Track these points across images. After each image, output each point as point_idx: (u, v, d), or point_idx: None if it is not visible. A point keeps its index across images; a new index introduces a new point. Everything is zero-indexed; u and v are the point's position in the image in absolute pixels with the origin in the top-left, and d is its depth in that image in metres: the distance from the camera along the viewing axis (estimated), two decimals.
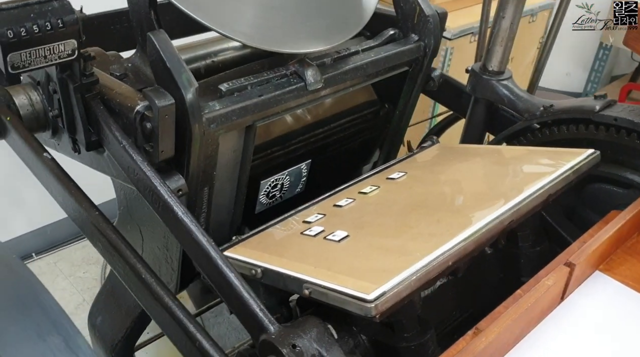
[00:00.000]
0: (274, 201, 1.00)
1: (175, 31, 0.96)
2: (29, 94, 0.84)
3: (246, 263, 0.77)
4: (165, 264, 0.97)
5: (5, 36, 0.62)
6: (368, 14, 0.95)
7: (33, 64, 0.66)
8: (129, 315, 1.11)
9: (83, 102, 0.75)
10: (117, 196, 1.02)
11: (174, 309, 0.68)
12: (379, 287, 0.64)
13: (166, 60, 0.72)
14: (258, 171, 0.93)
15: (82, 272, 1.96)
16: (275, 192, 0.99)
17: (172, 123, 0.74)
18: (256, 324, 0.65)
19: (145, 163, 0.73)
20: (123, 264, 0.72)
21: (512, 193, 0.81)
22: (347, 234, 0.78)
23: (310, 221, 0.86)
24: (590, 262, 0.78)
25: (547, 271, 0.74)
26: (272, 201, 1.00)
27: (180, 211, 0.70)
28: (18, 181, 1.81)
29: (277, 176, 0.97)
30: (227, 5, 0.84)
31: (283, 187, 0.99)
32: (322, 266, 0.71)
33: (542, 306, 0.73)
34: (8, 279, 0.59)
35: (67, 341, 0.51)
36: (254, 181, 0.94)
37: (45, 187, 0.80)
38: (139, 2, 0.85)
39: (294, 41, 0.86)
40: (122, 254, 0.71)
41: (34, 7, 0.64)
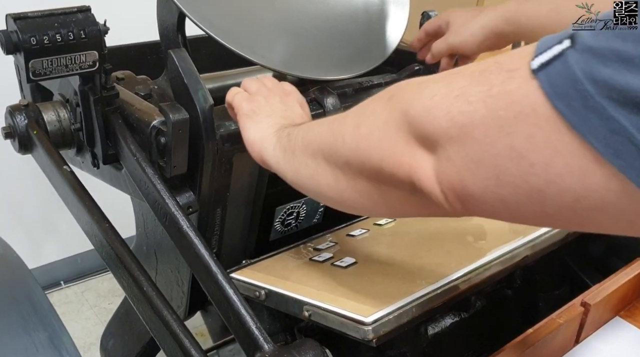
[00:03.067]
0: (290, 230, 1.00)
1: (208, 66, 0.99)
2: (58, 111, 0.87)
3: (251, 285, 0.76)
4: (177, 287, 0.97)
5: (28, 43, 0.65)
6: (391, 47, 0.96)
7: (54, 73, 0.68)
8: (139, 341, 1.11)
9: (102, 115, 0.77)
10: (136, 216, 1.03)
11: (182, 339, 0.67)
12: (378, 310, 0.62)
13: (184, 76, 0.74)
14: (274, 197, 0.93)
15: (107, 303, 1.97)
16: (291, 220, 0.98)
17: (185, 138, 0.75)
18: (251, 342, 0.64)
19: (156, 176, 0.74)
20: (127, 277, 0.72)
21: (529, 229, 0.78)
22: (355, 261, 0.76)
23: (321, 248, 0.85)
24: (608, 305, 0.74)
25: (561, 311, 0.71)
26: (287, 230, 0.99)
27: (185, 225, 0.70)
28: (53, 208, 1.86)
29: (293, 204, 0.96)
30: (256, 33, 0.86)
31: (299, 216, 0.99)
32: (325, 289, 0.70)
33: (554, 347, 0.69)
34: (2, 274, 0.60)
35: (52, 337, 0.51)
36: (269, 207, 0.94)
37: (63, 199, 0.82)
38: (167, 26, 0.88)
39: (317, 68, 0.88)
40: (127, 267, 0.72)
41: (58, 17, 0.67)
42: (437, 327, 0.80)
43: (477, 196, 0.40)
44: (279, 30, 0.89)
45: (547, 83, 0.35)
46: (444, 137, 0.41)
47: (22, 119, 0.84)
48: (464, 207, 0.42)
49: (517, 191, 0.38)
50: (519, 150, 0.36)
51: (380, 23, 0.98)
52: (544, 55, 0.35)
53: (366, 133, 0.48)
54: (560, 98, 0.34)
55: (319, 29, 0.92)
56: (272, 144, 0.63)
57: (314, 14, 0.92)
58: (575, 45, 0.34)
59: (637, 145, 0.31)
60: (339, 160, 0.51)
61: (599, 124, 0.32)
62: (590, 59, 0.33)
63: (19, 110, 0.84)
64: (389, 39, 0.97)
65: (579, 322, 0.71)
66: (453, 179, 0.41)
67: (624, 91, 0.31)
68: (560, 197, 0.36)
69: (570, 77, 0.33)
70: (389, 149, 0.45)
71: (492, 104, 0.38)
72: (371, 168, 0.48)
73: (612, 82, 0.32)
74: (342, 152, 0.51)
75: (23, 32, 0.64)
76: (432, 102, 0.42)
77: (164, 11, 0.89)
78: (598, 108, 0.32)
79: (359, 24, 0.95)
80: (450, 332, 0.82)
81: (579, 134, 0.33)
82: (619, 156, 0.32)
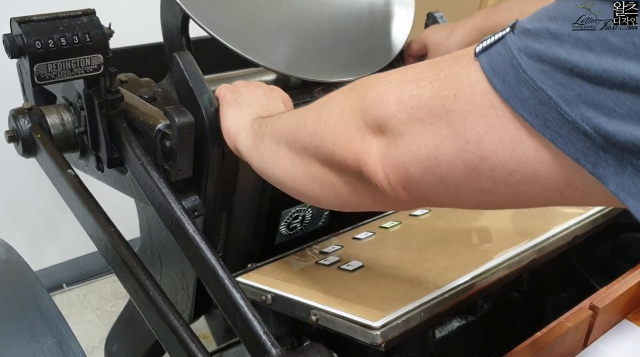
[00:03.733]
0: (295, 233, 0.99)
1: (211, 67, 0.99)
2: (62, 114, 0.86)
3: (257, 289, 0.76)
4: (182, 290, 0.96)
5: (33, 47, 0.64)
6: (396, 49, 0.95)
7: (59, 76, 0.68)
8: (144, 344, 1.10)
9: (107, 118, 0.77)
10: (140, 219, 1.02)
11: (187, 342, 0.66)
12: (386, 315, 0.62)
13: (189, 79, 0.74)
14: (280, 200, 0.93)
15: (110, 305, 1.96)
16: (296, 224, 0.98)
17: (191, 142, 0.74)
18: (258, 347, 0.63)
19: (161, 180, 0.73)
20: (133, 281, 0.71)
21: (536, 232, 0.78)
22: (362, 265, 0.76)
23: (327, 251, 0.84)
24: (616, 308, 0.74)
25: (570, 314, 0.71)
26: (292, 233, 0.99)
27: (191, 229, 0.70)
28: (55, 210, 1.86)
29: (299, 207, 0.96)
30: (260, 36, 0.86)
31: (304, 219, 0.98)
32: (332, 293, 0.70)
33: (562, 350, 0.69)
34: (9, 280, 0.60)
35: (60, 343, 0.51)
36: (275, 210, 0.93)
37: (67, 203, 0.81)
38: (171, 28, 0.88)
39: (321, 70, 0.87)
40: (133, 272, 0.71)
41: (63, 20, 0.66)
42: (444, 330, 0.80)
43: (418, 178, 0.42)
44: (283, 32, 0.89)
45: (486, 62, 0.37)
46: (393, 120, 0.42)
47: (26, 122, 0.83)
48: (406, 192, 0.44)
49: (454, 170, 0.39)
50: (456, 128, 0.38)
51: (385, 24, 0.97)
52: (486, 41, 0.38)
53: (324, 119, 0.50)
54: (496, 74, 0.36)
55: (324, 30, 0.91)
56: (245, 131, 0.65)
57: (318, 16, 0.91)
58: (513, 30, 0.36)
59: (563, 114, 0.33)
60: (298, 144, 0.53)
61: (529, 96, 0.34)
62: (525, 38, 0.35)
63: (23, 114, 0.83)
64: (394, 41, 0.96)
65: (588, 326, 0.70)
66: (397, 161, 0.43)
67: (553, 63, 0.33)
68: (494, 172, 0.37)
69: (507, 55, 0.36)
70: (341, 134, 0.47)
71: (438, 86, 0.40)
72: (325, 152, 0.49)
73: (543, 55, 0.34)
74: (301, 136, 0.53)
75: (28, 36, 0.64)
76: (387, 88, 0.44)
77: (168, 13, 0.88)
78: (528, 81, 0.34)
79: (363, 26, 0.95)
80: (457, 335, 0.82)
81: (511, 106, 0.35)
82: (548, 126, 0.34)
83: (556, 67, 0.33)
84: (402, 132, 0.42)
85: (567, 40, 0.33)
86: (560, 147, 0.33)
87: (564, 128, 0.33)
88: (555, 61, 0.33)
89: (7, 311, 0.53)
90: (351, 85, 0.50)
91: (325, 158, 0.50)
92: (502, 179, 0.37)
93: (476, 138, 0.37)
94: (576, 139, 0.33)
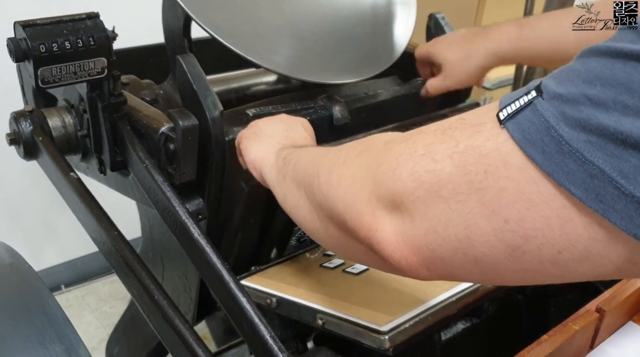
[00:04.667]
0: (304, 245, 0.99)
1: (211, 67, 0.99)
2: (63, 117, 0.86)
3: (262, 292, 0.76)
4: (184, 293, 0.96)
5: (37, 50, 0.64)
6: (398, 50, 0.95)
7: (63, 80, 0.67)
8: (145, 347, 1.10)
9: (110, 121, 0.76)
10: (142, 222, 1.02)
11: (190, 342, 0.66)
12: (394, 319, 0.62)
13: (193, 82, 0.73)
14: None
15: (108, 307, 1.96)
16: (307, 237, 0.97)
17: (195, 145, 0.74)
18: (266, 351, 0.63)
19: (165, 184, 0.73)
20: (138, 286, 0.71)
21: None
22: (367, 268, 0.76)
23: (331, 254, 0.84)
24: (622, 310, 0.74)
25: (576, 317, 0.71)
26: (301, 245, 0.98)
27: (196, 233, 0.69)
28: (53, 211, 1.85)
29: None
30: (263, 37, 0.86)
31: None
32: (338, 297, 0.69)
33: (569, 353, 0.68)
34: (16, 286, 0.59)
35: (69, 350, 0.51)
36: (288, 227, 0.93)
37: (70, 206, 0.81)
38: (173, 30, 0.88)
39: (324, 72, 0.87)
40: (137, 276, 0.71)
41: (67, 24, 0.66)
42: (450, 333, 0.80)
43: (446, 259, 0.39)
44: (285, 33, 0.88)
45: (517, 131, 0.33)
46: (409, 198, 0.39)
47: (27, 125, 0.83)
48: (429, 271, 0.40)
49: (492, 250, 0.36)
50: (490, 207, 0.35)
51: (387, 26, 0.97)
52: (510, 106, 0.34)
53: (336, 182, 0.47)
54: (532, 145, 0.33)
55: (326, 32, 0.91)
56: (270, 163, 0.63)
57: (320, 17, 0.91)
58: (542, 95, 0.33)
59: (618, 187, 0.30)
60: (314, 199, 0.50)
61: (576, 169, 0.31)
62: (560, 105, 0.32)
63: (24, 117, 0.83)
64: (397, 42, 0.96)
65: (594, 328, 0.70)
66: (418, 243, 0.39)
67: (601, 133, 0.30)
68: (541, 252, 0.34)
69: (541, 124, 0.32)
70: (352, 204, 0.44)
71: (460, 160, 0.36)
72: (338, 217, 0.46)
73: (587, 125, 0.31)
74: (317, 193, 0.50)
75: (32, 40, 0.63)
76: (397, 162, 0.40)
77: (170, 15, 0.88)
78: (574, 153, 0.31)
79: (365, 27, 0.94)
80: (462, 338, 0.82)
81: (555, 181, 0.32)
82: (601, 200, 0.31)
83: (605, 137, 0.30)
84: (422, 211, 0.38)
85: (612, 108, 0.30)
86: (616, 223, 0.31)
87: (620, 202, 0.30)
88: (603, 131, 0.30)
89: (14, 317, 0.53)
90: (362, 147, 0.47)
91: (338, 223, 0.47)
92: (551, 258, 0.34)
93: (517, 217, 0.34)
94: (635, 213, 0.30)
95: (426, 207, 0.38)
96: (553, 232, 0.33)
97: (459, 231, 0.37)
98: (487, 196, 0.35)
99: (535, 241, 0.34)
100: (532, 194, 0.33)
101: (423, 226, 0.38)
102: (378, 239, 0.42)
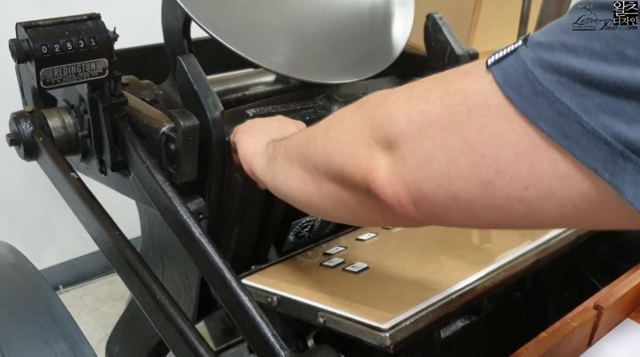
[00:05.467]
0: (302, 241, 0.99)
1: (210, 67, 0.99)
2: (63, 117, 0.86)
3: (263, 291, 0.76)
4: (184, 292, 0.96)
5: (39, 51, 0.64)
6: (397, 50, 0.96)
7: (64, 81, 0.68)
8: (146, 346, 1.10)
9: (111, 122, 0.77)
10: (142, 221, 1.02)
11: (192, 340, 0.66)
12: (395, 317, 0.62)
13: (194, 83, 0.74)
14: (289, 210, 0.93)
15: (106, 307, 1.96)
16: (305, 233, 0.98)
17: (195, 145, 0.75)
18: (267, 349, 0.64)
19: (167, 184, 0.73)
20: (139, 285, 0.71)
21: (539, 233, 0.78)
22: (367, 266, 0.76)
23: (331, 253, 0.85)
24: (620, 307, 0.75)
25: (574, 314, 0.71)
26: (300, 241, 0.99)
27: (197, 232, 0.70)
28: (51, 212, 1.85)
29: (309, 218, 0.96)
30: (262, 37, 0.86)
31: (313, 228, 0.98)
32: (338, 295, 0.70)
33: (567, 350, 0.69)
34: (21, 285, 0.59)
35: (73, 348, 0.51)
36: (287, 221, 0.93)
37: (70, 206, 0.81)
38: (173, 30, 0.88)
39: (323, 72, 0.87)
40: (139, 275, 0.71)
41: (69, 25, 0.66)
42: (449, 330, 0.80)
43: (429, 195, 0.42)
44: (284, 34, 0.89)
45: (500, 75, 0.37)
46: (402, 138, 0.42)
47: (28, 125, 0.83)
48: (416, 209, 0.43)
49: (468, 185, 0.39)
50: (470, 143, 0.38)
51: (386, 26, 0.98)
52: (498, 53, 0.38)
53: (333, 137, 0.50)
54: (511, 86, 0.36)
55: (325, 32, 0.92)
56: (260, 154, 0.66)
57: (319, 18, 0.92)
58: (526, 43, 0.37)
59: (582, 124, 0.33)
60: (309, 163, 0.54)
61: (547, 107, 0.34)
62: (539, 51, 0.35)
63: (24, 117, 0.83)
64: (395, 42, 0.97)
65: (592, 325, 0.71)
66: (406, 179, 0.43)
67: (570, 75, 0.33)
68: (510, 187, 0.37)
69: (521, 68, 0.36)
70: (350, 151, 0.47)
71: (448, 101, 0.39)
72: (334, 171, 0.50)
73: (559, 68, 0.34)
74: (312, 155, 0.53)
75: (34, 41, 0.64)
76: (395, 106, 0.44)
77: (169, 16, 0.88)
78: (546, 92, 0.34)
79: (364, 28, 0.95)
80: (462, 335, 0.82)
81: (528, 118, 0.35)
82: (567, 136, 0.34)
83: (574, 78, 0.33)
84: (412, 149, 0.42)
85: (582, 53, 0.33)
86: (578, 157, 0.34)
87: (582, 137, 0.33)
88: (572, 73, 0.33)
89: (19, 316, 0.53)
90: (359, 103, 0.50)
91: (334, 176, 0.50)
92: (518, 194, 0.37)
93: (492, 152, 0.37)
94: (595, 147, 0.33)
95: (415, 145, 0.41)
96: (522, 167, 0.36)
97: (442, 167, 0.40)
98: (468, 133, 0.38)
99: (505, 176, 0.37)
100: (507, 131, 0.36)
101: (412, 163, 0.42)
102: (374, 177, 0.45)
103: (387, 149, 0.44)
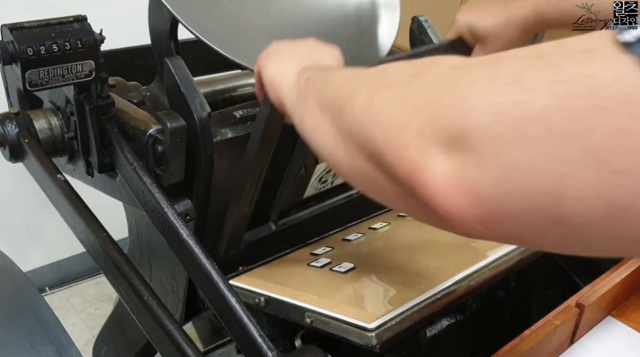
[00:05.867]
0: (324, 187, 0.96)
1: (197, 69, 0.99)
2: (49, 119, 0.86)
3: (250, 292, 0.77)
4: (172, 293, 0.97)
5: (25, 53, 0.64)
6: (383, 52, 0.96)
7: (50, 83, 0.68)
8: (133, 347, 1.10)
9: (98, 124, 0.77)
10: (129, 223, 1.02)
11: (180, 342, 0.67)
12: (380, 316, 0.63)
13: (181, 85, 0.74)
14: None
15: (94, 308, 1.95)
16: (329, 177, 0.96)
17: (183, 146, 0.75)
18: (255, 350, 0.64)
19: (154, 185, 0.73)
20: (127, 287, 0.71)
21: None
22: (353, 266, 0.77)
23: (318, 253, 0.85)
24: (601, 305, 0.76)
25: (557, 312, 0.72)
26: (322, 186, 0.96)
27: (184, 233, 0.70)
28: (37, 213, 1.84)
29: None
30: (249, 39, 0.86)
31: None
32: (325, 295, 0.70)
33: (550, 348, 0.70)
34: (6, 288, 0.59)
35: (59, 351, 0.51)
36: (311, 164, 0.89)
37: (57, 208, 0.81)
38: (160, 32, 0.88)
39: None
40: (126, 277, 0.71)
41: (55, 27, 0.66)
42: (435, 329, 0.81)
43: (518, 217, 0.31)
44: (271, 35, 0.89)
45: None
46: (480, 136, 0.31)
47: (13, 127, 0.83)
48: (487, 229, 0.33)
49: (587, 209, 0.29)
50: (598, 153, 0.27)
51: (372, 28, 0.98)
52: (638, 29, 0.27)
53: (378, 108, 0.39)
54: None
55: (312, 34, 0.91)
56: (290, 83, 0.56)
57: (306, 20, 0.92)
58: None
59: None
60: (343, 126, 0.43)
61: None
62: None
63: (10, 119, 0.83)
64: (381, 44, 0.97)
65: (574, 323, 0.72)
66: (481, 193, 0.32)
67: None
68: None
69: None
70: (396, 135, 0.36)
71: (564, 91, 0.28)
72: (372, 149, 0.38)
73: None
74: (348, 118, 0.42)
75: (20, 43, 0.64)
76: (472, 90, 0.32)
77: (156, 17, 0.88)
78: None
79: (350, 30, 0.96)
80: (447, 334, 0.83)
81: None
82: None
83: None
84: (496, 153, 0.31)
85: None
86: None
87: None
88: None
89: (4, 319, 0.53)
90: (415, 70, 0.38)
91: (371, 156, 0.39)
92: None
93: (634, 167, 0.27)
94: None
95: (503, 149, 0.30)
96: None
97: (546, 182, 0.29)
98: (595, 139, 0.27)
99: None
100: None
101: (494, 172, 0.31)
102: (425, 181, 0.34)
103: (451, 146, 0.33)
